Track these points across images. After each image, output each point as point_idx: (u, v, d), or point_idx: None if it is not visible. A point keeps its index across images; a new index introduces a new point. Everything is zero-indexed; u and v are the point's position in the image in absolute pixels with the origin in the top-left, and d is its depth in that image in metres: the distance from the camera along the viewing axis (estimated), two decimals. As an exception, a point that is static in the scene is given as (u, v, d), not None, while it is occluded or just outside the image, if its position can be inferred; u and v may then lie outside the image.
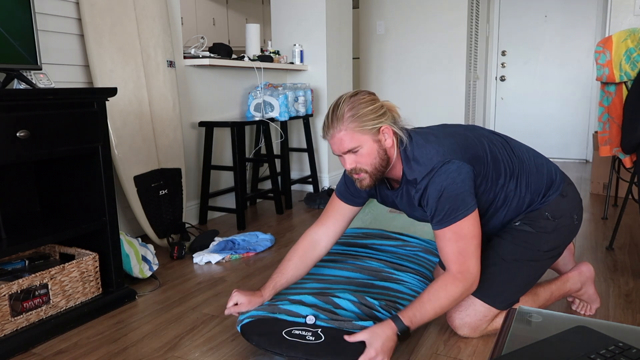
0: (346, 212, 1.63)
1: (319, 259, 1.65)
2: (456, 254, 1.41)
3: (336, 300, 1.58)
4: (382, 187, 1.58)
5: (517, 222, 1.57)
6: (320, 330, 1.43)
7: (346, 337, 1.37)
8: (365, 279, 1.78)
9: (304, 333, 1.42)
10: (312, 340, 1.40)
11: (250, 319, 1.51)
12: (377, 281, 1.76)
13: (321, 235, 1.63)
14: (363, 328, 1.42)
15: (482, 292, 1.52)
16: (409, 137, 1.44)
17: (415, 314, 1.39)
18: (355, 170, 1.41)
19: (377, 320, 1.52)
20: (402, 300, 1.63)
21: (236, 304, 1.54)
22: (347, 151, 1.38)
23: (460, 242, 1.40)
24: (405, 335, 1.37)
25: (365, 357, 1.32)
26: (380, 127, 1.38)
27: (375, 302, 1.58)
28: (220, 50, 3.09)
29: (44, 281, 1.66)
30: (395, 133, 1.42)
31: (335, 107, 1.39)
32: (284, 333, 1.43)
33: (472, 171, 1.41)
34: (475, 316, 1.54)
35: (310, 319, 1.47)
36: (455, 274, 1.41)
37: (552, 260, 1.61)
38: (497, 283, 1.53)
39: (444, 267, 1.76)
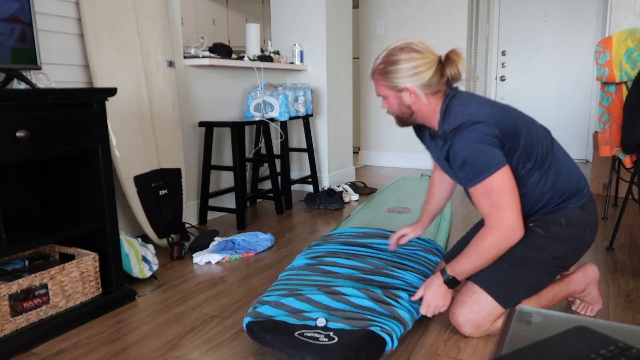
0: None
1: (454, 185, 1.88)
2: (489, 208, 1.45)
3: (350, 298, 1.58)
4: (426, 135, 1.70)
5: (531, 222, 1.58)
6: (332, 332, 1.43)
7: (412, 298, 1.62)
8: (365, 275, 1.80)
9: (316, 335, 1.42)
10: (326, 342, 1.40)
11: (256, 319, 1.52)
12: (376, 277, 1.78)
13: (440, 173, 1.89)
14: (379, 325, 1.45)
15: (490, 287, 1.54)
16: (453, 95, 1.53)
17: (459, 263, 1.52)
18: (388, 111, 1.62)
19: (386, 303, 1.57)
20: (401, 292, 1.65)
21: (402, 236, 1.90)
22: (379, 95, 1.58)
23: (492, 195, 1.43)
24: (453, 283, 1.55)
25: (424, 303, 1.57)
26: (404, 86, 1.50)
27: (379, 290, 1.62)
28: (220, 50, 3.09)
29: (44, 281, 1.66)
30: (418, 95, 1.51)
31: (379, 55, 1.55)
32: (297, 334, 1.43)
33: (499, 138, 1.44)
34: (480, 314, 1.54)
35: (321, 322, 1.47)
36: (491, 226, 1.46)
37: (557, 270, 1.60)
38: (504, 279, 1.54)
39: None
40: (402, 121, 1.62)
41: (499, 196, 1.43)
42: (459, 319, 1.57)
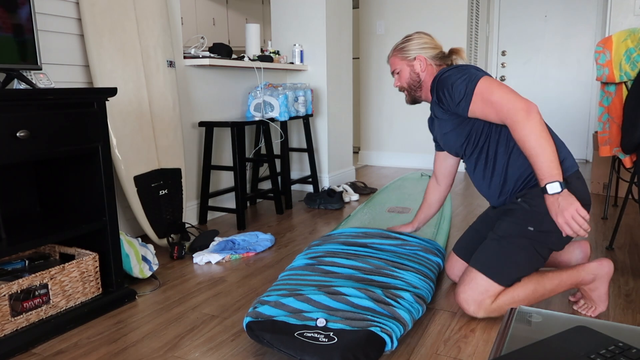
0: (442, 157, 2.05)
1: (446, 194, 2.13)
2: (496, 112, 1.58)
3: (350, 299, 1.58)
4: (432, 119, 1.96)
5: (519, 198, 1.67)
6: (332, 333, 1.43)
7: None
8: (365, 275, 1.80)
9: (316, 335, 1.42)
10: (325, 342, 1.39)
11: (256, 319, 1.51)
12: (376, 277, 1.78)
13: (436, 180, 2.12)
14: (379, 325, 1.44)
15: (482, 264, 1.64)
16: (450, 65, 1.80)
17: (540, 170, 1.50)
18: (400, 88, 1.89)
19: (386, 304, 1.56)
20: (402, 292, 1.65)
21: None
22: (393, 72, 1.89)
23: (488, 97, 1.58)
24: (559, 185, 1.48)
25: (566, 226, 1.48)
26: (416, 55, 1.83)
27: (379, 290, 1.62)
28: (220, 50, 3.09)
29: (44, 281, 1.66)
30: (428, 63, 1.82)
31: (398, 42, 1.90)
32: (297, 335, 1.43)
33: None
34: (477, 289, 1.63)
35: (321, 322, 1.46)
36: (511, 122, 1.54)
37: (546, 246, 1.62)
38: (494, 257, 1.64)
39: (457, 254, 1.96)
40: (411, 94, 1.88)
41: (494, 94, 1.57)
42: (460, 296, 1.67)
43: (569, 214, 1.47)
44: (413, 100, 1.90)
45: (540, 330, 0.75)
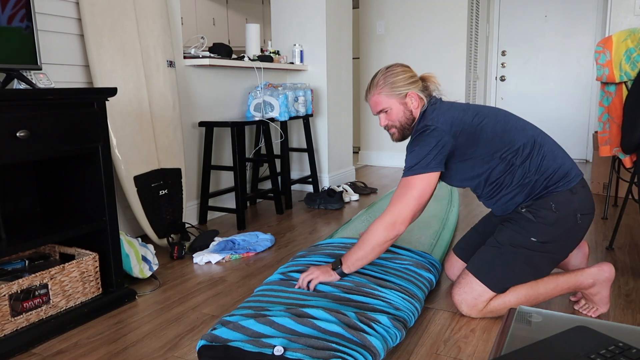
0: None
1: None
2: (395, 197, 1.66)
3: (317, 322, 1.47)
4: None
5: (523, 208, 1.64)
6: None
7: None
8: (343, 294, 1.69)
9: None
10: None
11: (211, 343, 1.42)
12: (355, 296, 1.66)
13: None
14: (341, 356, 1.33)
15: (478, 270, 1.65)
16: (434, 102, 1.73)
17: (349, 252, 1.70)
18: (387, 126, 1.77)
19: (357, 330, 1.46)
20: (378, 315, 1.53)
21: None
22: (380, 111, 1.74)
23: (404, 189, 1.64)
24: (337, 264, 1.72)
25: (304, 274, 1.74)
26: (407, 92, 1.71)
27: (352, 313, 1.52)
28: (220, 50, 3.09)
29: (44, 281, 1.66)
30: (420, 97, 1.72)
31: (374, 77, 1.76)
32: None
33: (451, 144, 1.64)
34: (471, 294, 1.66)
35: (279, 350, 1.34)
36: (383, 214, 1.65)
37: (548, 257, 1.63)
38: (491, 264, 1.64)
39: (457, 254, 1.96)
40: (404, 131, 1.77)
41: (407, 192, 1.62)
42: (455, 298, 1.71)
43: (314, 278, 1.71)
44: (403, 137, 1.79)
45: (540, 330, 0.75)
